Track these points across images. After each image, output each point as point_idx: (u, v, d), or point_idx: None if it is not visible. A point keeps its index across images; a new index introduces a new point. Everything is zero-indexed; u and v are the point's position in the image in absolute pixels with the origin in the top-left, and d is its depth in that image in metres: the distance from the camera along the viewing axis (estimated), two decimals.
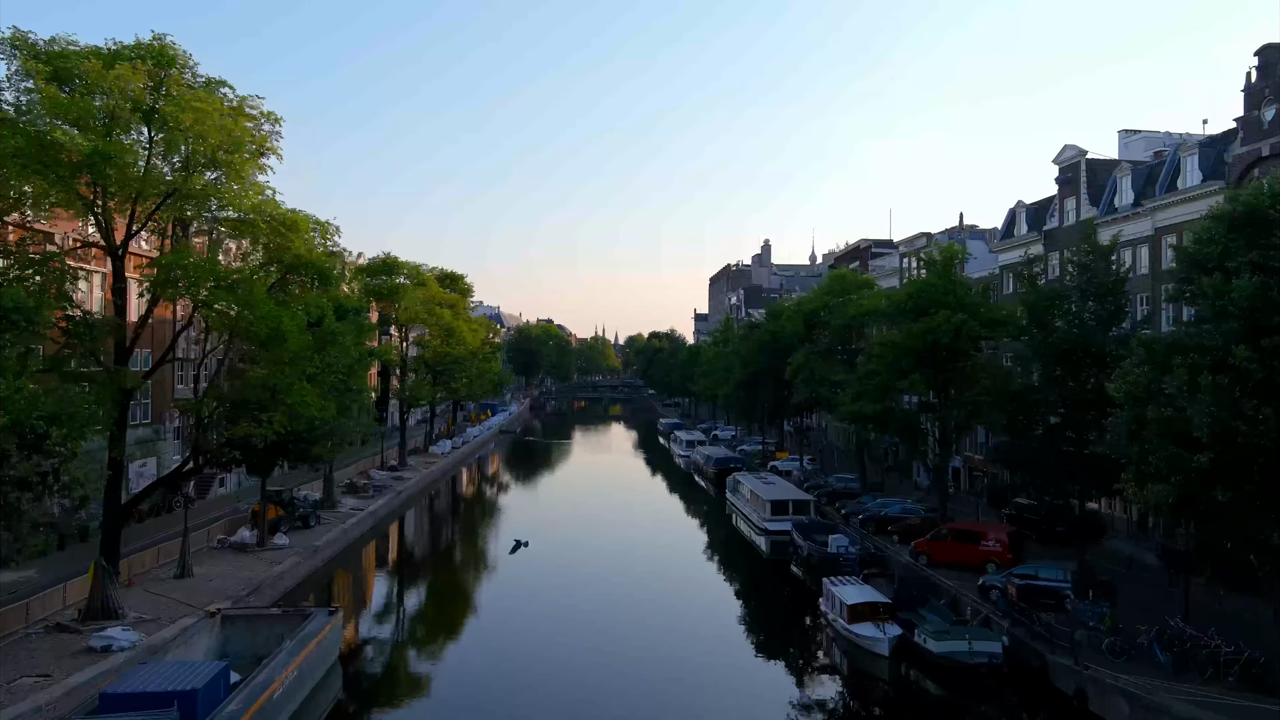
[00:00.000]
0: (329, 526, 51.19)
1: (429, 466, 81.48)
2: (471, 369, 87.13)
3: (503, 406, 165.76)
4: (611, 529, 62.57)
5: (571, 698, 30.06)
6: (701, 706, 29.89)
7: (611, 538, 59.71)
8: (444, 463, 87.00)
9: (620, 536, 60.22)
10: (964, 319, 41.59)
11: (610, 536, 60.17)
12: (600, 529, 62.50)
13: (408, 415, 78.95)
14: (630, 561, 52.96)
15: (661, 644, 36.64)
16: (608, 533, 61.10)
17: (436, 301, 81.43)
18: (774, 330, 73.00)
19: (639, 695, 30.76)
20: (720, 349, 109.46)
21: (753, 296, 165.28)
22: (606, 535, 60.30)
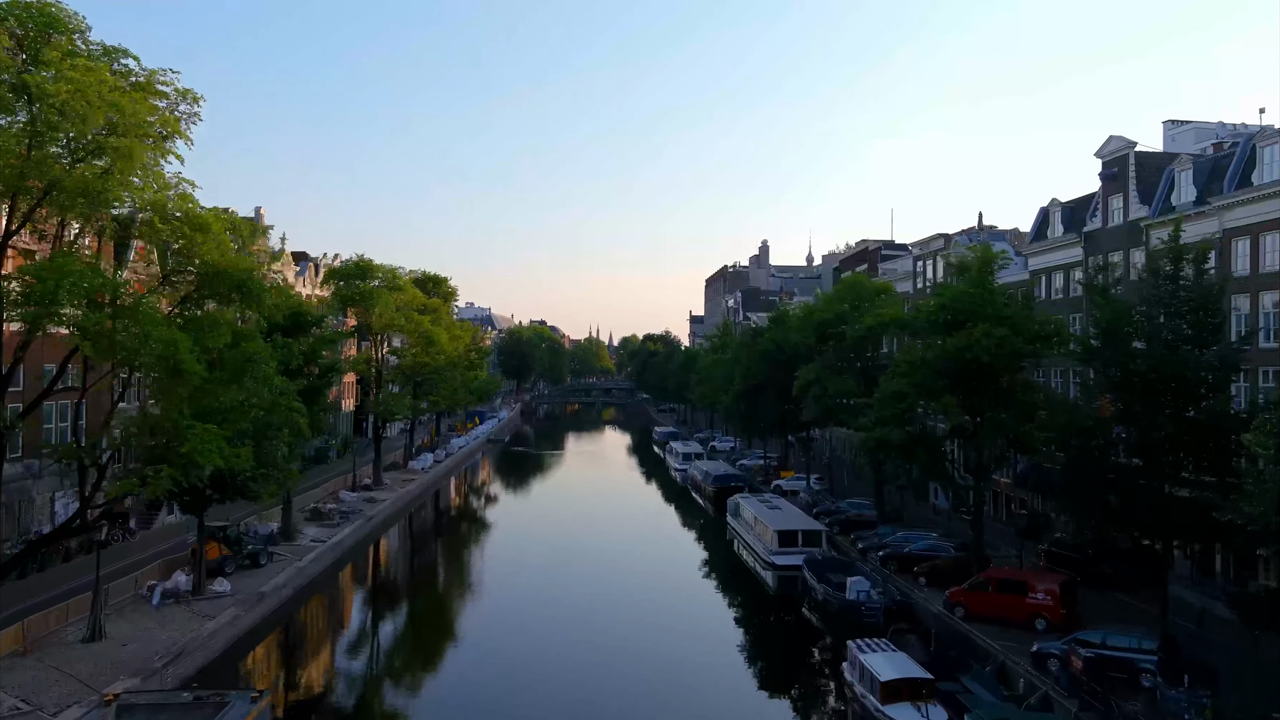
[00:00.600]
0: (282, 565, 45.35)
1: (407, 484, 75.65)
2: (453, 378, 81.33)
3: (491, 413, 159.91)
4: (603, 557, 56.97)
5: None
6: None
7: (603, 568, 54.20)
8: (424, 480, 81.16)
9: (612, 567, 54.73)
10: (1005, 334, 35.97)
11: (602, 566, 54.67)
12: (591, 558, 56.86)
13: (384, 429, 73.07)
14: (623, 598, 47.62)
15: (658, 709, 31.19)
16: (599, 562, 55.49)
17: (415, 307, 75.70)
18: (778, 339, 67.35)
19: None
20: (719, 355, 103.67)
21: (751, 299, 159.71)
22: (597, 566, 54.70)
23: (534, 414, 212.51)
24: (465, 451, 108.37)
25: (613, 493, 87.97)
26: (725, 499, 71.10)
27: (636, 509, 78.09)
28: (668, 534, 67.18)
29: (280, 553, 47.80)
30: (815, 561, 46.63)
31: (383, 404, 69.53)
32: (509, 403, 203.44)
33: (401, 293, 72.61)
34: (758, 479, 78.38)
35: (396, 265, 73.09)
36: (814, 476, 70.25)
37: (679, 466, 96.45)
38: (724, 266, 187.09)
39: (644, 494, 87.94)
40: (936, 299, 39.19)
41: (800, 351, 65.74)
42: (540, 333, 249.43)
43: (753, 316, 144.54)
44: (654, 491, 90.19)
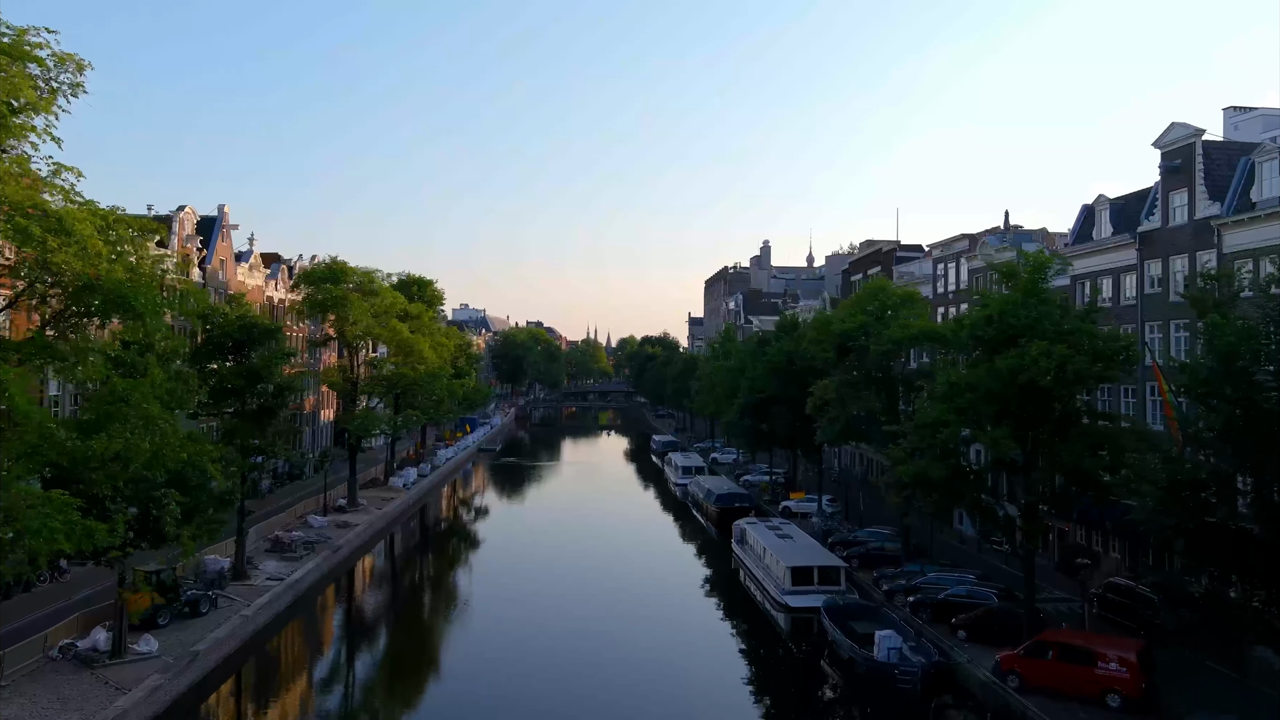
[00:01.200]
0: (227, 612, 39.64)
1: (385, 504, 69.96)
2: (438, 388, 75.70)
3: (484, 419, 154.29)
4: (600, 592, 51.39)
5: None
6: None
7: (600, 604, 48.78)
8: (405, 498, 75.45)
9: (610, 603, 49.23)
10: (1068, 353, 30.40)
11: (598, 602, 49.22)
12: (587, 592, 51.33)
13: (364, 443, 67.35)
14: (623, 640, 42.39)
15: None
16: (595, 598, 49.95)
17: (394, 312, 70.03)
18: (789, 349, 61.74)
19: None
20: (721, 362, 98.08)
21: (752, 301, 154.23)
22: (594, 602, 49.19)
23: (529, 419, 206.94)
24: (453, 464, 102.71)
25: (609, 511, 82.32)
26: (729, 520, 65.55)
27: (634, 530, 72.44)
28: (667, 560, 61.56)
29: (229, 596, 42.10)
30: (836, 608, 40.97)
31: (356, 420, 63.83)
32: (503, 408, 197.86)
33: (378, 297, 66.95)
34: (764, 498, 72.77)
35: (373, 268, 67.59)
36: (826, 498, 64.65)
37: (678, 481, 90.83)
38: (724, 267, 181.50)
39: (641, 512, 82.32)
40: (981, 310, 33.50)
41: (812, 363, 60.21)
42: (536, 335, 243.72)
43: (755, 320, 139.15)
44: (652, 509, 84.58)
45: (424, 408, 77.42)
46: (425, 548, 67.52)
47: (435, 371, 71.12)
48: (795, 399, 61.15)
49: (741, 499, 70.49)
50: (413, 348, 67.39)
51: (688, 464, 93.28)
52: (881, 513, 63.01)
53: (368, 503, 69.09)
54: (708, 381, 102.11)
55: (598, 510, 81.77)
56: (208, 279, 60.92)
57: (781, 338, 68.43)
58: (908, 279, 70.32)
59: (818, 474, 66.54)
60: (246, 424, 42.93)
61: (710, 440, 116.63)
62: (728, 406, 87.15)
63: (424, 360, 69.13)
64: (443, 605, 50.78)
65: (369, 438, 65.53)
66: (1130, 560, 42.94)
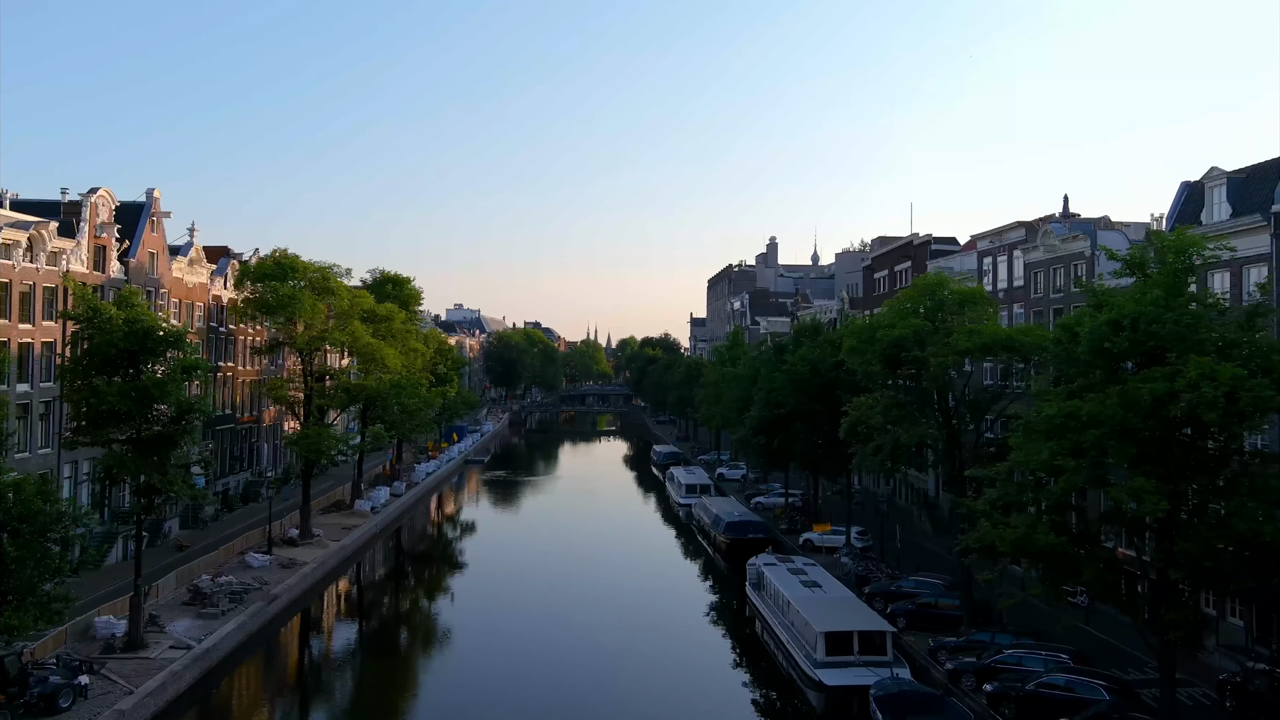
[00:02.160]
0: (98, 706, 30.45)
1: (345, 535, 60.86)
2: (405, 399, 66.60)
3: (474, 426, 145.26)
4: (594, 647, 42.43)
5: None
6: None
7: (595, 661, 39.92)
8: (371, 525, 66.29)
9: (607, 661, 40.32)
10: (1241, 375, 21.32)
11: (593, 659, 40.36)
12: (580, 646, 42.49)
13: (313, 467, 58.25)
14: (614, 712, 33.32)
15: None
16: (585, 655, 41.01)
17: (355, 314, 60.99)
18: (811, 358, 52.63)
19: None
20: (729, 369, 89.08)
21: (759, 301, 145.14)
22: (583, 659, 40.30)
23: (524, 424, 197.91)
24: (435, 479, 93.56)
25: (606, 537, 73.10)
26: (742, 554, 56.67)
27: (633, 563, 63.22)
28: (671, 604, 52.37)
29: (111, 676, 32.93)
30: (890, 697, 31.72)
31: (304, 440, 54.68)
32: (496, 413, 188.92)
33: (335, 296, 57.88)
34: (780, 526, 63.56)
35: (330, 263, 58.37)
36: (855, 530, 55.49)
37: (682, 500, 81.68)
38: (728, 265, 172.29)
39: (641, 539, 73.10)
40: (1106, 313, 24.26)
41: (840, 376, 51.14)
42: (532, 336, 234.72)
43: (762, 321, 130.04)
44: (653, 534, 75.45)
45: (394, 421, 68.38)
46: (387, 591, 57.61)
47: (402, 381, 61.92)
48: (819, 416, 52.13)
49: (755, 528, 61.26)
50: (374, 354, 58.28)
51: (692, 481, 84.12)
52: (922, 550, 54.02)
53: (324, 533, 59.93)
54: (713, 390, 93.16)
55: (594, 537, 72.54)
56: (131, 274, 51.85)
57: (802, 344, 59.33)
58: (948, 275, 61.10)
59: (844, 499, 57.13)
60: (139, 455, 33.89)
61: (716, 452, 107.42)
62: (737, 420, 78.20)
63: (388, 368, 59.97)
64: (401, 677, 41.46)
65: (323, 460, 56.40)
66: (1259, 630, 33.81)
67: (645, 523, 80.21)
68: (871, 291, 79.89)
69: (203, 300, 62.81)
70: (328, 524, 63.75)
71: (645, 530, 76.51)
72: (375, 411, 68.41)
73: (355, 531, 62.68)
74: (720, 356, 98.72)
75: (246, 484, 71.38)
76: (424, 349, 76.05)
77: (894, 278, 73.19)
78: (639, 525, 78.96)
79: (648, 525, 79.04)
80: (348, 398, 59.59)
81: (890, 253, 74.68)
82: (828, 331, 60.36)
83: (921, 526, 60.22)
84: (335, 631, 48.15)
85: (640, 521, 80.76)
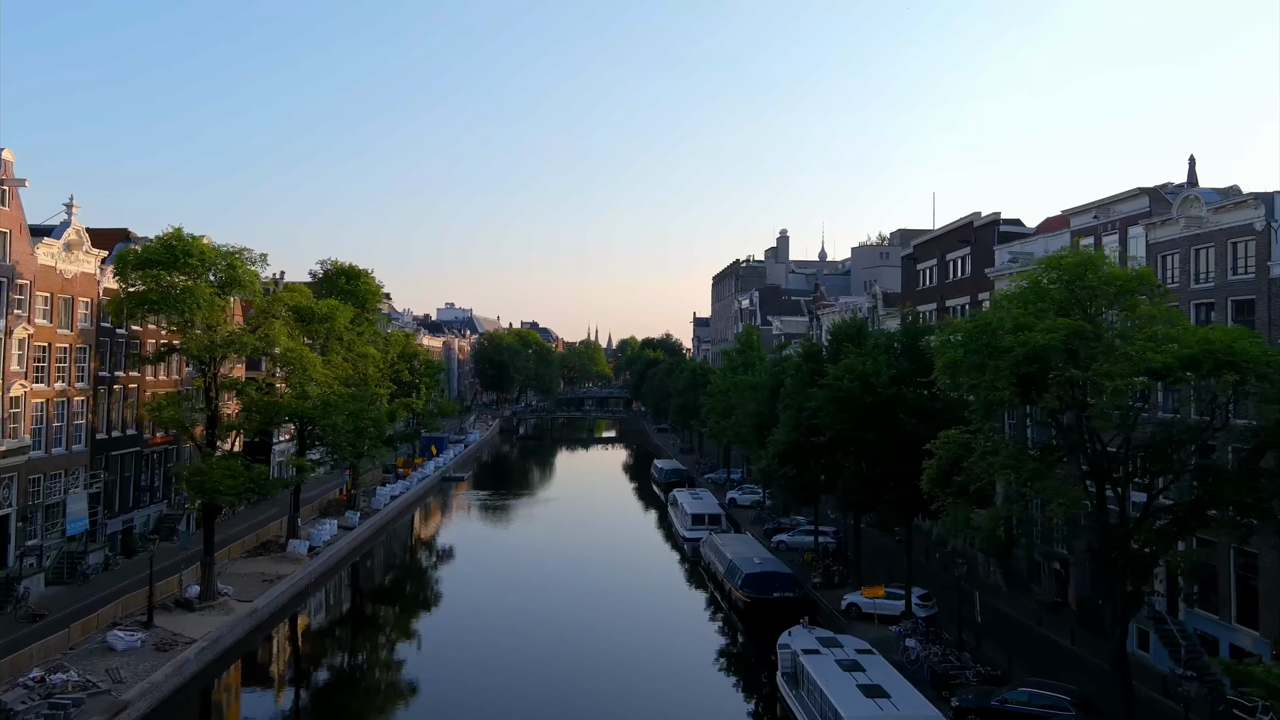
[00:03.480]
0: None
1: (264, 591, 48.00)
2: (351, 418, 53.73)
3: (457, 437, 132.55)
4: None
5: None
6: None
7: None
8: (299, 575, 53.13)
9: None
10: None
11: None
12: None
13: (216, 509, 45.37)
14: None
15: None
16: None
17: (279, 312, 48.24)
18: (863, 370, 39.73)
19: None
20: (742, 378, 76.35)
21: (770, 299, 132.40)
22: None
23: (516, 431, 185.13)
24: (402, 503, 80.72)
25: (600, 579, 60.20)
26: (765, 617, 44.50)
27: (631, 619, 50.34)
28: (676, 689, 39.52)
29: None
30: None
31: (197, 477, 41.84)
32: (485, 420, 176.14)
33: (241, 290, 45.15)
34: (812, 579, 50.60)
35: (240, 247, 45.35)
36: (918, 595, 42.51)
37: (688, 534, 68.87)
38: (735, 261, 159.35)
39: (641, 581, 59.99)
40: None
41: (903, 393, 38.46)
42: (526, 336, 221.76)
43: (775, 320, 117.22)
44: (655, 574, 62.50)
45: (336, 444, 55.71)
46: (308, 678, 43.31)
47: (334, 396, 49.13)
48: (874, 446, 39.30)
49: (782, 583, 48.29)
50: (302, 363, 45.52)
51: (699, 510, 71.26)
52: (1020, 631, 41.03)
53: (235, 590, 47.10)
54: (723, 400, 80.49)
55: (585, 580, 59.57)
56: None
57: (842, 350, 46.53)
58: (1021, 261, 48.32)
59: (908, 562, 43.51)
60: None
61: (725, 470, 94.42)
62: (753, 438, 65.51)
63: (314, 379, 47.19)
64: None
65: (223, 502, 43.57)
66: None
67: (645, 559, 67.35)
68: (914, 285, 67.06)
69: (89, 295, 50.06)
70: (246, 574, 51.03)
71: (645, 570, 63.64)
72: (313, 432, 55.91)
73: (280, 585, 49.85)
74: (730, 361, 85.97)
75: (159, 520, 58.73)
76: (377, 354, 63.21)
77: (946, 268, 60.38)
78: (638, 562, 66.09)
79: (648, 563, 66.19)
80: (259, 418, 46.69)
81: (941, 238, 61.72)
82: (875, 336, 47.47)
83: (998, 584, 47.34)
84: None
85: (640, 557, 67.92)
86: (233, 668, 41.34)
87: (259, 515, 64.83)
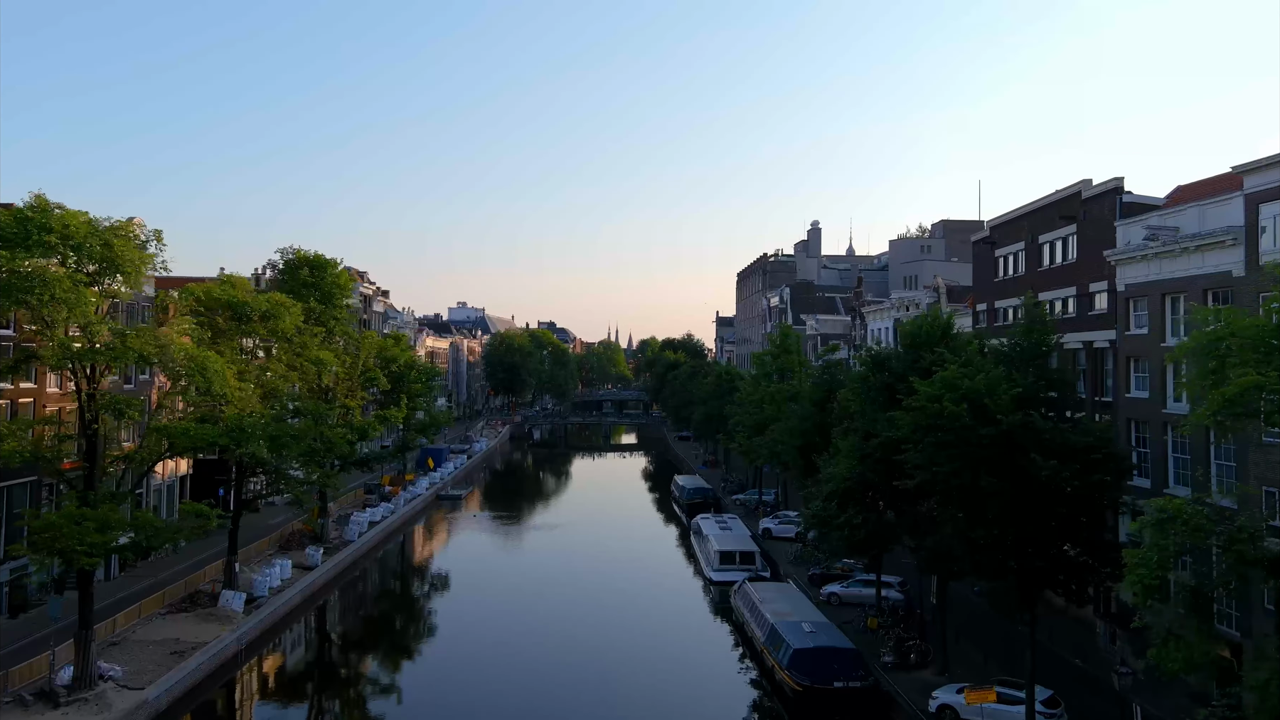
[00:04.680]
0: None
1: (171, 668, 36.83)
2: (305, 436, 42.33)
3: (459, 447, 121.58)
4: None
5: None
6: None
7: None
8: (223, 644, 41.23)
9: None
10: None
11: None
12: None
13: (91, 579, 34.20)
14: None
15: None
16: None
17: (186, 309, 37.05)
18: (969, 388, 27.85)
19: None
20: (779, 386, 64.82)
21: (802, 296, 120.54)
22: None
23: (528, 438, 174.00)
24: (381, 530, 69.41)
25: (608, 639, 48.85)
26: (824, 712, 32.85)
27: (649, 707, 38.89)
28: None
29: None
30: None
31: (43, 531, 30.68)
32: (495, 426, 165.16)
33: (127, 279, 33.97)
34: (883, 658, 38.63)
35: (123, 218, 34.32)
36: (1041, 696, 30.59)
37: (716, 575, 57.25)
38: (763, 255, 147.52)
39: (661, 641, 48.40)
40: None
41: (1034, 419, 26.79)
42: (539, 337, 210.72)
43: (808, 320, 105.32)
44: (677, 631, 50.81)
45: (276, 475, 44.63)
46: None
47: (252, 421, 37.85)
48: (989, 498, 27.52)
49: (844, 665, 36.30)
50: (198, 375, 34.25)
51: (729, 547, 59.49)
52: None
53: (126, 671, 35.98)
54: (754, 412, 68.92)
55: (589, 642, 48.15)
56: None
57: (921, 359, 34.80)
58: (1163, 240, 36.34)
59: (1031, 649, 31.42)
60: None
61: (756, 490, 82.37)
62: (796, 461, 54.12)
63: (232, 398, 35.96)
64: None
65: (89, 565, 32.41)
66: None
67: (666, 608, 55.65)
68: (990, 275, 54.87)
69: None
70: (155, 642, 39.92)
71: (666, 625, 51.97)
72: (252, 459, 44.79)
73: (193, 659, 38.56)
74: (762, 366, 74.16)
75: (53, 575, 47.67)
76: (334, 360, 51.96)
77: (1038, 252, 48.34)
78: (658, 613, 54.40)
79: (669, 614, 54.46)
80: (155, 449, 35.49)
81: (1032, 215, 49.46)
82: (963, 337, 35.73)
83: None
84: None
85: (660, 605, 56.24)
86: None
87: (207, 550, 53.55)
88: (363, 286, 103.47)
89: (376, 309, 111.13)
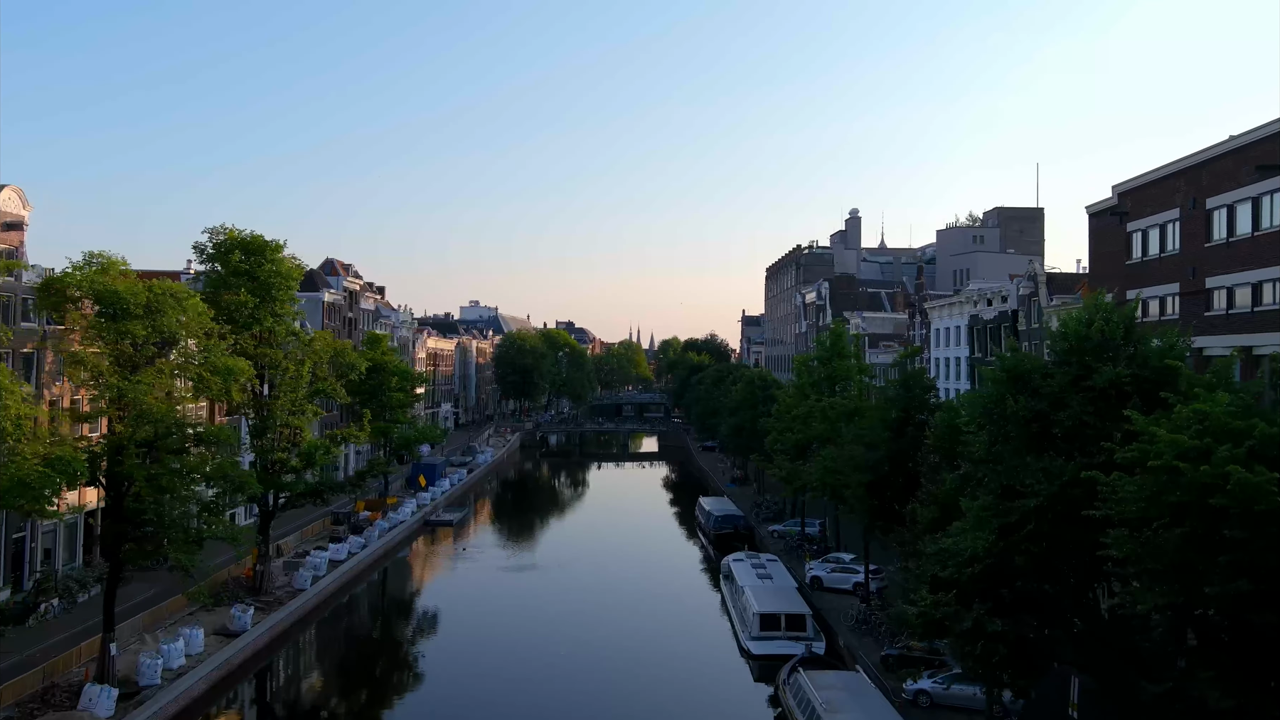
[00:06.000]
0: None
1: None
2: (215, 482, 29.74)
3: (461, 459, 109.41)
4: None
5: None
6: None
7: None
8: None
9: None
10: None
11: None
12: None
13: None
14: None
15: None
16: None
17: None
18: (1239, 429, 15.06)
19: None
20: (832, 401, 51.98)
21: (842, 291, 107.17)
22: None
23: (542, 446, 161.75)
24: (342, 575, 56.67)
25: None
26: None
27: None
28: None
29: None
30: None
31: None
32: (505, 433, 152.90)
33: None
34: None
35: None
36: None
37: (757, 647, 44.20)
38: (796, 247, 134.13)
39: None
40: None
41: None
42: (554, 338, 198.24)
43: (851, 318, 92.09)
44: (711, 711, 38.15)
45: (159, 526, 32.35)
46: None
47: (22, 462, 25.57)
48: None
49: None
50: None
51: (771, 607, 46.35)
52: None
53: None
54: (799, 430, 56.25)
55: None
56: None
57: (1091, 370, 21.91)
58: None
59: None
60: None
61: (796, 519, 69.13)
62: (863, 504, 41.49)
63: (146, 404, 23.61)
64: None
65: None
66: None
67: (699, 686, 42.81)
68: (1119, 257, 41.41)
69: None
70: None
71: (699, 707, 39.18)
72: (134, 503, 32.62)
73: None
74: (807, 374, 61.13)
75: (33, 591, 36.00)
76: (248, 369, 39.26)
77: (1207, 222, 35.04)
78: (691, 692, 41.67)
79: (702, 696, 41.67)
80: None
81: (1193, 171, 36.16)
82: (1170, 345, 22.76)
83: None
84: None
85: (689, 679, 43.46)
86: None
87: (93, 617, 41.16)
88: (346, 280, 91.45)
89: (365, 306, 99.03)
